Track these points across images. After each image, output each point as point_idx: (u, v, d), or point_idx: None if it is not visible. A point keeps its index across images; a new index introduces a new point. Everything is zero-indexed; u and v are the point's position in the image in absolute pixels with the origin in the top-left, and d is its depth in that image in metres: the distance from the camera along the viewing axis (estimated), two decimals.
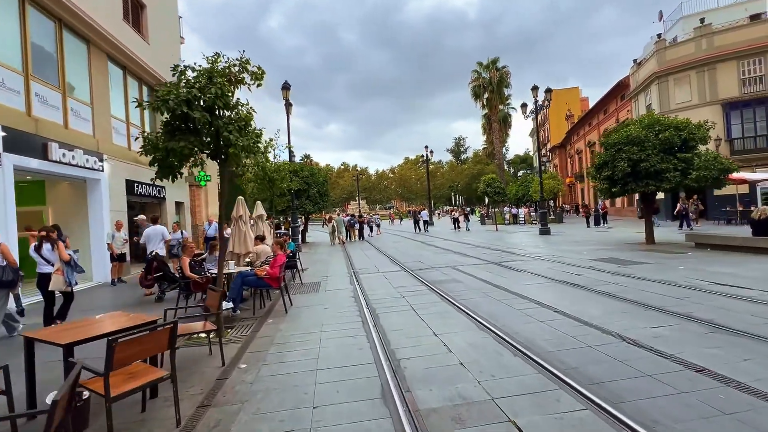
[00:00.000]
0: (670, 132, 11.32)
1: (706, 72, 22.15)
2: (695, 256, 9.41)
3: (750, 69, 21.09)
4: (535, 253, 11.38)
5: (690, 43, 22.84)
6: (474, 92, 38.41)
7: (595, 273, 7.69)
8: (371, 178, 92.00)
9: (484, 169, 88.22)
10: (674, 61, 23.34)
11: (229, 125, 4.33)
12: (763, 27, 20.98)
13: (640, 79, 26.61)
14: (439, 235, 21.86)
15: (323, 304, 6.39)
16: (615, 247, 12.04)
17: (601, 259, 9.43)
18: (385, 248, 15.64)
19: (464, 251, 12.91)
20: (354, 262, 11.88)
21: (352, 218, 24.85)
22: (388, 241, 19.36)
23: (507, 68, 36.98)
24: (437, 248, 14.46)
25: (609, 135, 12.76)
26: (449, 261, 10.74)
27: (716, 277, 6.65)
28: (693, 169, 10.93)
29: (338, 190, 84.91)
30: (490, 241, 16.12)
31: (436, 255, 12.36)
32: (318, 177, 20.87)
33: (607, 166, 12.54)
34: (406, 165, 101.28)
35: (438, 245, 15.57)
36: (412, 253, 13.40)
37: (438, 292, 6.67)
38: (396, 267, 10.21)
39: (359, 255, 13.84)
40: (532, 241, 15.32)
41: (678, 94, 23.26)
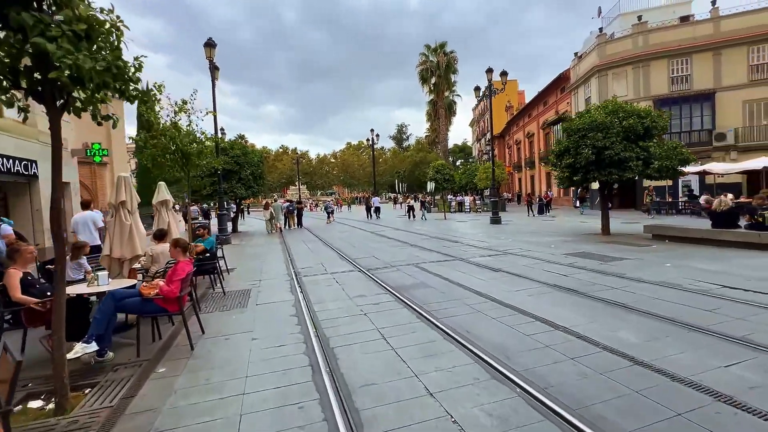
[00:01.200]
0: (634, 119, 10.88)
1: (641, 68, 23.14)
2: (663, 249, 8.97)
3: (678, 68, 22.38)
4: (499, 246, 10.34)
5: (628, 40, 23.68)
6: (421, 76, 37.36)
7: (581, 273, 6.67)
8: (312, 163, 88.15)
9: (427, 156, 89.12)
10: (613, 56, 24.10)
11: (49, 26, 2.22)
12: (690, 29, 22.29)
13: (580, 72, 27.32)
14: (390, 223, 20.44)
15: (252, 330, 4.47)
16: (576, 238, 11.51)
17: (574, 254, 8.59)
18: (331, 239, 13.76)
19: (422, 244, 11.54)
20: (295, 257, 9.90)
21: (290, 204, 22.54)
22: (333, 231, 17.46)
23: (455, 53, 36.40)
24: (391, 240, 12.95)
25: (572, 120, 12.09)
26: (409, 257, 9.26)
27: (717, 277, 5.92)
28: (655, 159, 10.61)
29: (276, 173, 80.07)
30: (444, 232, 15.02)
31: (393, 249, 10.83)
32: (252, 157, 18.14)
33: (568, 153, 11.91)
34: (349, 150, 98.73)
35: (391, 236, 14.07)
36: (364, 246, 11.73)
37: (410, 305, 5.09)
38: (348, 266, 8.46)
39: (301, 249, 11.84)
40: (488, 232, 14.50)
41: (616, 88, 24.07)
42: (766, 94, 20.64)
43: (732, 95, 21.17)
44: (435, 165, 23.22)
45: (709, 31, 21.72)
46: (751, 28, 20.75)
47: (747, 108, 21.08)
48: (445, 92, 37.80)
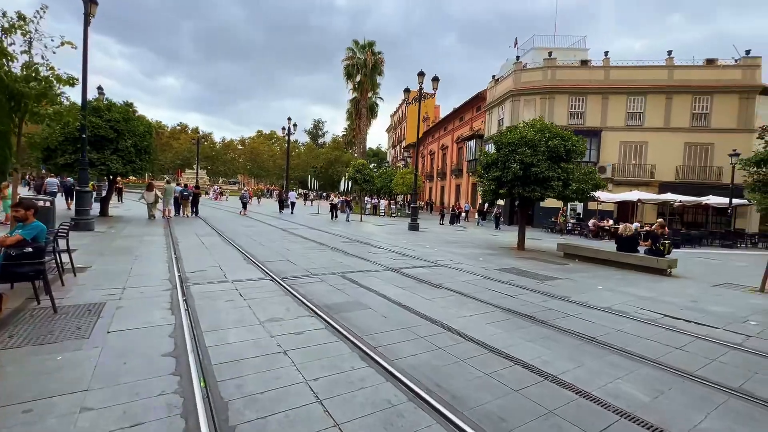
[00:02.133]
0: (558, 141, 11.26)
1: (547, 99, 25.51)
2: (580, 269, 9.20)
3: (575, 104, 25.24)
4: (428, 256, 9.58)
5: (539, 72, 25.94)
6: (347, 71, 36.00)
7: (526, 294, 6.12)
8: (215, 146, 79.70)
9: (342, 155, 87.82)
10: (526, 84, 26.16)
11: None
12: (587, 72, 25.37)
13: (496, 94, 29.15)
14: (304, 221, 18.54)
15: (85, 390, 2.62)
16: (497, 252, 11.45)
17: (506, 270, 8.20)
18: (234, 235, 11.50)
19: (343, 247, 10.20)
20: (184, 256, 7.66)
21: (186, 189, 19.09)
22: (237, 225, 14.96)
23: (382, 55, 35.92)
24: (308, 241, 11.31)
25: (504, 134, 12.10)
26: (332, 263, 7.84)
27: (654, 305, 5.87)
28: (573, 181, 11.08)
29: (171, 153, 70.31)
30: (365, 235, 13.90)
31: (311, 251, 9.26)
32: (136, 125, 14.60)
33: (496, 166, 11.87)
34: (259, 138, 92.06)
35: (307, 236, 12.39)
36: (276, 246, 9.89)
37: (347, 337, 3.74)
38: (256, 271, 6.69)
39: (194, 244, 9.47)
40: (409, 239, 13.83)
41: (526, 114, 26.12)
42: (636, 138, 24.45)
43: (613, 135, 24.60)
44: (356, 164, 22.10)
45: (600, 77, 24.96)
46: (631, 80, 24.43)
47: (622, 148, 24.70)
48: (369, 92, 37.07)
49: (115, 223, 13.19)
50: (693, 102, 23.80)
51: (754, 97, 23.24)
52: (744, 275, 9.65)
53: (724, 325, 4.91)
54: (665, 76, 24.22)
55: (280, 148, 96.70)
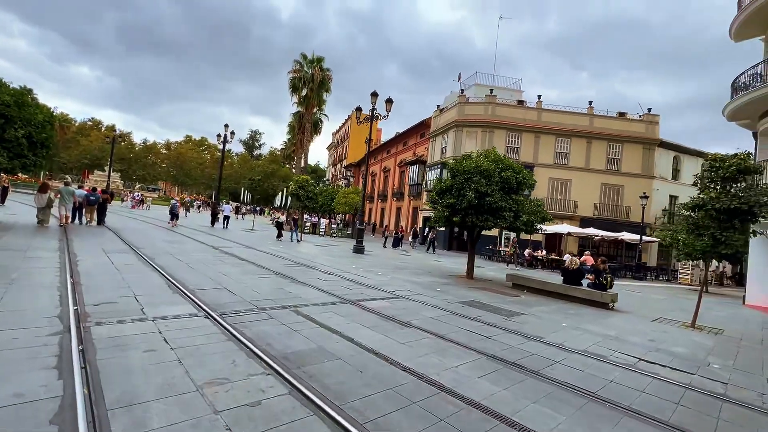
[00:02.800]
0: (511, 173, 11.50)
1: (488, 133, 26.99)
2: (536, 302, 9.17)
3: (512, 140, 27.03)
4: (384, 285, 8.86)
5: (481, 106, 27.47)
6: (293, 84, 34.83)
7: (500, 335, 5.68)
8: (134, 148, 71.69)
9: (279, 170, 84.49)
10: (469, 116, 27.49)
11: None
12: (523, 111, 27.48)
13: (440, 123, 30.20)
14: (237, 238, 16.70)
15: None
16: (448, 280, 11.13)
17: (467, 303, 7.79)
18: (155, 252, 9.65)
19: (288, 272, 9.05)
20: (85, 281, 5.98)
21: (93, 193, 16.11)
22: (157, 239, 12.81)
23: (330, 72, 35.49)
24: (246, 263, 9.91)
25: (460, 162, 12.08)
26: (279, 292, 6.73)
27: (622, 345, 5.77)
28: (523, 213, 11.31)
29: (77, 150, 61.52)
30: (307, 258, 12.77)
31: (252, 277, 7.98)
32: (34, 114, 12.03)
33: (450, 193, 11.75)
34: (187, 144, 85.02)
35: (244, 257, 10.93)
36: (209, 269, 8.41)
37: (324, 409, 2.82)
38: (185, 304, 5.36)
39: (99, 263, 7.63)
40: (358, 263, 13.02)
41: (468, 145, 27.31)
42: (562, 176, 26.77)
43: (544, 171, 26.65)
44: (299, 180, 20.84)
45: (534, 117, 27.17)
46: (559, 123, 26.92)
47: (551, 183, 26.84)
48: (315, 108, 36.20)
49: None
50: (608, 148, 26.88)
51: (654, 148, 26.96)
52: (669, 309, 10.46)
53: (696, 371, 4.88)
54: (587, 123, 27.14)
55: (211, 156, 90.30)
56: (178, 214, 19.47)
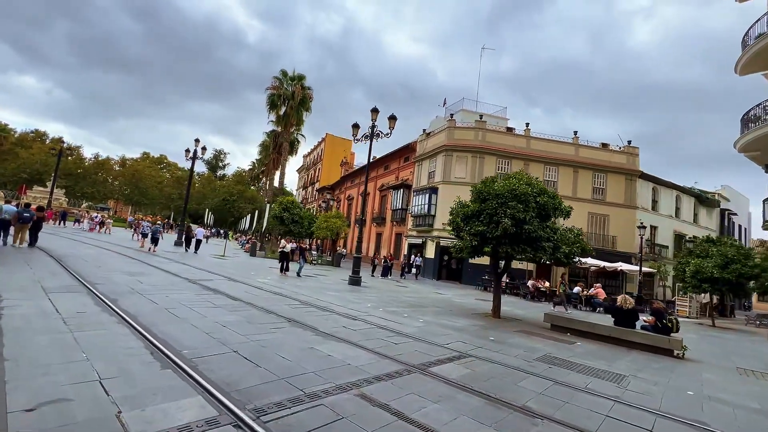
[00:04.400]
0: (547, 198, 10.28)
1: (478, 158, 26.35)
2: (598, 350, 7.69)
3: (502, 167, 26.54)
4: (424, 335, 7.02)
5: (471, 131, 26.95)
6: (271, 101, 32.87)
7: (643, 419, 4.03)
8: (84, 163, 65.52)
9: (246, 190, 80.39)
10: (459, 141, 26.81)
11: None
12: (512, 138, 27.23)
13: (428, 147, 29.34)
14: (212, 266, 14.14)
15: None
16: (480, 322, 9.45)
17: (542, 360, 6.13)
18: (114, 287, 7.22)
19: (302, 318, 6.99)
20: (12, 349, 3.71)
21: (26, 210, 13.35)
22: (113, 268, 10.15)
23: (311, 91, 34.01)
24: (242, 304, 7.71)
25: (490, 183, 10.72)
26: (310, 355, 4.74)
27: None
28: (563, 244, 10.02)
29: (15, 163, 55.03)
30: (308, 293, 10.66)
31: (259, 329, 5.88)
32: None
33: (478, 219, 10.29)
34: (145, 161, 79.35)
35: (234, 294, 8.66)
36: (196, 316, 6.18)
37: None
38: (189, 394, 3.27)
39: (35, 312, 5.25)
40: (361, 298, 11.09)
41: (458, 169, 26.53)
42: None
43: None
44: (283, 201, 18.70)
45: (523, 144, 26.99)
46: (546, 152, 26.88)
47: None
48: (293, 127, 34.33)
49: None
50: (593, 177, 27.07)
51: (635, 179, 27.49)
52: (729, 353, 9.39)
53: None
54: (573, 152, 27.31)
55: (171, 174, 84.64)
56: (159, 240, 18.00)
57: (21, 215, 12.56)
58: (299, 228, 18.84)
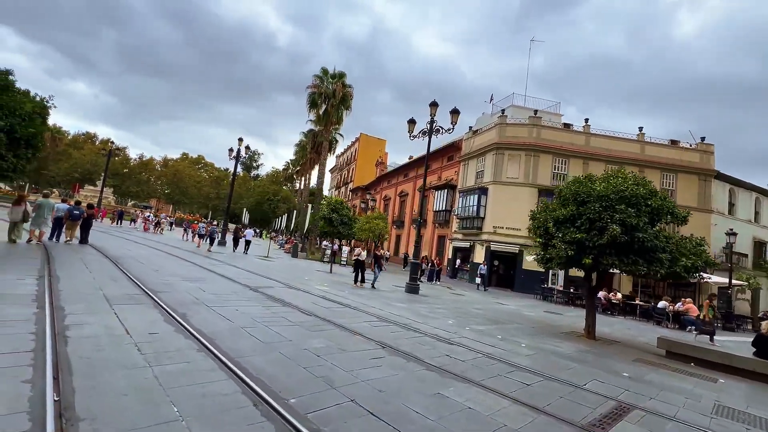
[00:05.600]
0: (660, 201, 8.69)
1: (532, 157, 24.54)
2: (750, 390, 6.11)
3: (559, 166, 24.59)
4: (552, 371, 5.74)
5: (525, 128, 25.16)
6: (312, 100, 32.34)
7: None
8: (130, 163, 68.25)
9: (280, 190, 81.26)
10: (511, 139, 25.09)
11: None
12: (569, 135, 25.20)
13: (475, 145, 27.78)
14: (263, 271, 13.41)
15: None
16: (577, 345, 8.01)
17: (720, 414, 4.70)
18: (177, 297, 6.44)
19: (396, 343, 5.89)
20: (80, 381, 2.79)
21: (77, 208, 13.41)
22: (171, 272, 9.50)
23: (352, 89, 33.23)
24: (316, 320, 6.73)
25: (587, 183, 9.25)
26: (443, 406, 3.59)
27: None
28: (684, 255, 8.39)
29: (68, 163, 57.92)
30: (376, 306, 9.60)
31: (357, 358, 4.82)
32: (19, 102, 9.01)
33: (573, 225, 8.85)
34: (184, 162, 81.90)
35: (301, 305, 7.71)
36: (278, 338, 5.23)
37: None
38: None
39: (101, 332, 4.43)
40: (430, 311, 9.90)
41: (510, 169, 24.82)
42: None
43: None
44: (332, 201, 17.87)
45: (582, 141, 24.90)
46: (608, 149, 24.66)
47: None
48: (333, 126, 33.67)
49: None
50: (662, 177, 24.56)
51: (710, 179, 24.74)
52: None
53: None
54: (638, 150, 24.93)
55: (208, 174, 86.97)
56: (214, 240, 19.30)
57: (71, 213, 12.86)
58: (348, 230, 17.90)
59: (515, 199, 24.10)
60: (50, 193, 13.95)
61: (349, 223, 17.71)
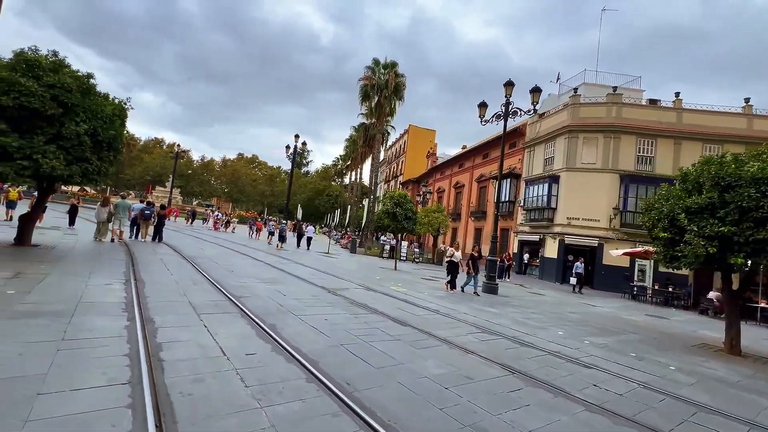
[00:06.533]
0: None
1: (612, 139, 21.89)
2: None
3: (644, 148, 21.73)
4: (708, 408, 4.39)
5: (602, 107, 22.50)
6: (364, 92, 31.78)
7: None
8: (193, 165, 72.71)
9: (329, 186, 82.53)
10: (586, 120, 22.57)
11: None
12: (656, 113, 22.15)
13: (542, 130, 25.50)
14: (331, 269, 12.91)
15: None
16: (728, 365, 6.38)
17: None
18: (261, 303, 5.92)
19: (520, 365, 4.86)
20: None
21: (149, 207, 14.02)
22: (247, 272, 9.18)
23: (404, 79, 32.13)
24: (418, 333, 5.88)
25: (731, 164, 7.45)
26: None
27: None
28: None
29: (141, 166, 62.90)
30: (469, 313, 8.57)
31: (498, 399, 3.84)
32: (100, 104, 9.04)
33: (713, 216, 7.14)
34: (240, 161, 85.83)
35: (390, 313, 6.92)
36: (379, 357, 4.44)
37: None
38: None
39: (195, 351, 3.85)
40: (526, 317, 8.64)
41: (585, 153, 22.38)
42: None
43: None
44: (395, 195, 17.03)
45: (672, 119, 21.77)
46: (706, 126, 21.32)
47: None
48: (386, 117, 32.84)
49: (33, 260, 7.19)
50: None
51: None
52: None
53: None
54: (744, 125, 21.32)
55: (261, 173, 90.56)
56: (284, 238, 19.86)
57: (143, 212, 13.90)
58: (412, 225, 16.97)
59: (592, 187, 21.72)
60: (127, 195, 14.75)
61: (413, 217, 16.74)
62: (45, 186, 9.33)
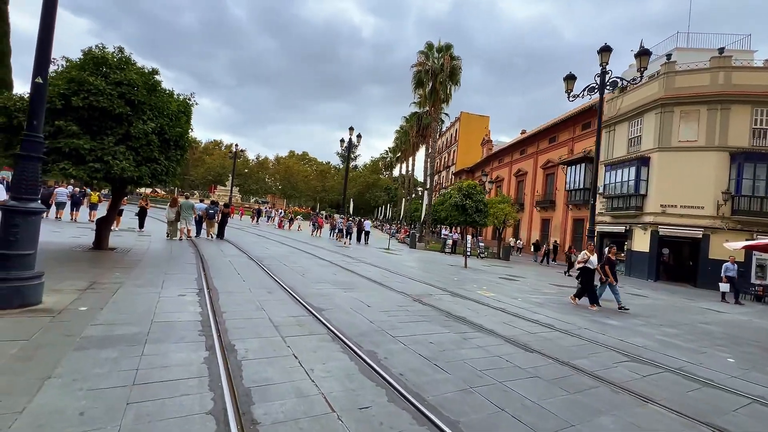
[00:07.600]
0: None
1: (719, 111, 18.49)
2: None
3: (761, 119, 18.10)
4: None
5: (705, 74, 19.08)
6: (417, 79, 30.22)
7: None
8: (249, 163, 75.75)
9: (379, 179, 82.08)
10: (684, 90, 19.28)
11: None
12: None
13: (625, 106, 22.39)
14: (401, 269, 11.86)
15: None
16: None
17: None
18: (344, 316, 4.97)
19: (696, 413, 3.35)
20: None
21: (213, 207, 14.00)
22: (319, 276, 8.38)
23: (460, 61, 30.05)
24: (536, 356, 4.59)
25: None
26: None
27: None
28: None
29: (203, 169, 66.62)
30: (600, 332, 7.05)
31: None
32: (165, 101, 8.63)
33: None
34: (292, 159, 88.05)
35: (496, 329, 5.67)
36: (524, 408, 3.21)
37: None
38: None
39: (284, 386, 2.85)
40: (661, 334, 6.91)
41: (683, 130, 19.19)
42: None
43: None
44: (464, 186, 15.57)
45: None
46: None
47: None
48: (441, 104, 31.03)
49: (109, 266, 6.85)
50: None
51: None
52: None
53: None
54: None
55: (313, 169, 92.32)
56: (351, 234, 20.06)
57: (207, 212, 14.33)
58: (483, 218, 15.41)
59: (693, 168, 18.59)
60: (191, 195, 15.10)
61: (484, 210, 15.16)
62: (118, 187, 9.18)
